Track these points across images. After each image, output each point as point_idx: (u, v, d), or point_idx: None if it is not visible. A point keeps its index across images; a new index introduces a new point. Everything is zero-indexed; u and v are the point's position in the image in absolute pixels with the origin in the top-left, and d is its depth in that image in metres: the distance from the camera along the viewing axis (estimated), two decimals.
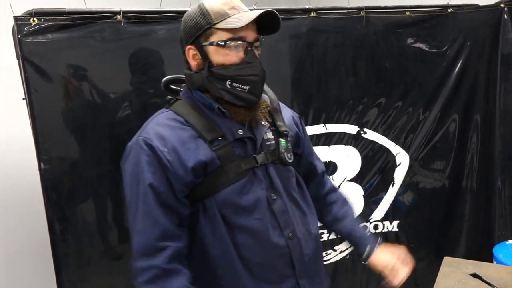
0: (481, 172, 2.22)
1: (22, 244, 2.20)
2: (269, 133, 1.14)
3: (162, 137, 1.01)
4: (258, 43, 1.06)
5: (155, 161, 0.99)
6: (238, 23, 0.99)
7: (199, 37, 1.04)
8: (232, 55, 1.02)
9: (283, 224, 1.09)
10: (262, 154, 1.09)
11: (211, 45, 1.02)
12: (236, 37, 1.01)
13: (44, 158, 1.63)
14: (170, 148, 1.00)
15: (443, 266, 1.50)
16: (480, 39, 2.11)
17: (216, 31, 1.02)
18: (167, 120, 1.06)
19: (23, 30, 1.54)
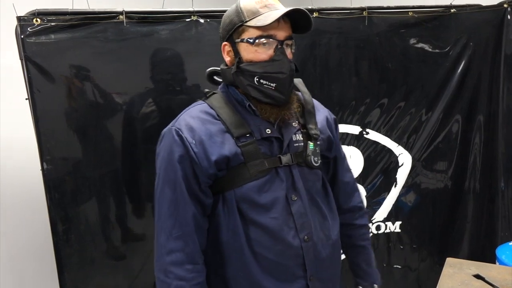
0: (484, 173, 2.21)
1: (24, 244, 2.21)
2: (299, 135, 1.14)
3: (192, 129, 1.06)
4: (291, 41, 1.07)
5: (184, 151, 1.04)
6: (266, 20, 1.01)
7: (233, 34, 1.07)
8: (261, 52, 1.04)
9: (300, 226, 1.09)
10: (287, 155, 1.10)
11: (242, 42, 1.05)
12: (265, 35, 1.03)
13: (47, 158, 1.64)
14: (198, 140, 1.04)
15: (446, 267, 1.49)
16: (483, 39, 2.10)
17: (248, 29, 1.04)
18: (199, 112, 1.10)
19: (26, 30, 1.54)
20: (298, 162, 1.12)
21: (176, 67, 1.77)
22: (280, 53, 1.04)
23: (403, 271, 2.25)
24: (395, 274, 2.25)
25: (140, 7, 1.71)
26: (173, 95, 1.78)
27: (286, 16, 1.03)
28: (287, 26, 1.06)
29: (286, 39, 1.06)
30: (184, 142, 1.04)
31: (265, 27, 1.01)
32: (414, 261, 2.25)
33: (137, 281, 1.84)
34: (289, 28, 1.06)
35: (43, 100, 1.61)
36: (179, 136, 1.05)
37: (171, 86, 1.78)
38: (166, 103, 1.77)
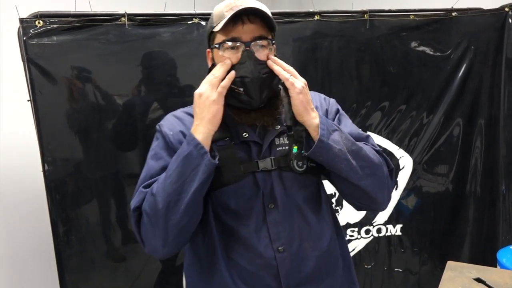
0: (485, 176, 2.21)
1: (25, 245, 2.21)
2: (284, 138, 1.09)
3: (172, 124, 1.10)
4: (266, 41, 1.02)
5: (163, 143, 1.08)
6: (223, 23, 0.99)
7: (210, 41, 1.09)
8: (228, 56, 1.02)
9: (274, 236, 1.05)
10: (267, 160, 1.05)
11: (213, 48, 1.06)
12: (228, 39, 1.01)
13: (48, 160, 1.64)
14: (176, 132, 1.08)
15: (447, 271, 1.49)
16: (484, 43, 2.10)
17: (216, 34, 1.04)
18: (183, 113, 1.13)
19: (28, 32, 1.55)
20: (282, 167, 1.06)
21: (178, 70, 1.77)
22: (245, 56, 1.00)
23: (404, 274, 2.25)
24: (396, 277, 2.24)
25: (142, 9, 1.72)
26: (174, 97, 1.78)
27: (253, 14, 0.99)
28: (256, 26, 1.01)
29: (255, 40, 1.01)
30: (163, 135, 1.08)
31: (228, 30, 1.00)
32: (415, 265, 2.25)
33: (137, 283, 1.83)
34: (259, 27, 1.01)
35: (45, 101, 1.61)
36: (160, 132, 1.10)
37: (172, 88, 1.78)
38: (167, 105, 1.77)
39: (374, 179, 1.05)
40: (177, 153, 0.99)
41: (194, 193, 0.95)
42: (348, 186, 1.07)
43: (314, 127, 1.01)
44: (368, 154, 1.05)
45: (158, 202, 0.95)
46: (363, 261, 2.20)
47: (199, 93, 0.99)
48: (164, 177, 0.98)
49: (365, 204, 1.13)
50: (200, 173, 0.94)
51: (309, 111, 1.01)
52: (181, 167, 0.95)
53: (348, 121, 1.19)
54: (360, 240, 2.18)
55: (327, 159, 1.01)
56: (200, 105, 0.98)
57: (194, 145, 0.96)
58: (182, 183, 0.95)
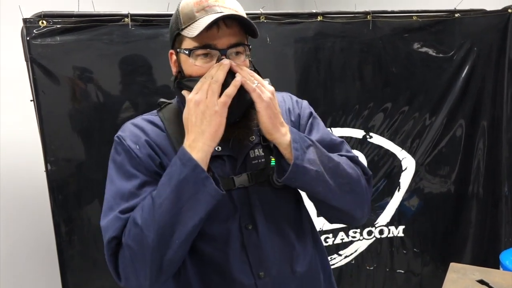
0: (488, 177, 2.21)
1: (27, 245, 2.21)
2: (259, 149, 0.97)
3: (135, 135, 0.94)
4: (242, 48, 0.90)
5: (128, 157, 0.92)
6: (197, 29, 0.84)
7: (175, 42, 0.93)
8: (200, 65, 0.88)
9: (254, 261, 0.94)
10: (243, 175, 0.94)
11: (181, 52, 0.91)
12: (201, 45, 0.87)
13: (51, 160, 1.64)
14: (141, 144, 0.92)
15: (450, 272, 1.49)
16: (487, 44, 2.10)
17: (185, 38, 0.89)
18: (144, 122, 0.98)
19: (32, 32, 1.55)
20: (259, 182, 0.95)
21: None
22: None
23: (406, 275, 2.25)
24: (398, 278, 2.24)
25: (145, 10, 1.72)
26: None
27: (222, 19, 0.85)
28: (232, 31, 0.88)
29: (231, 47, 0.88)
30: (126, 149, 0.92)
31: (201, 36, 0.84)
32: (417, 266, 2.24)
33: None
34: (236, 32, 0.88)
35: (48, 101, 1.61)
36: (121, 145, 0.93)
37: None
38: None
39: (352, 196, 0.96)
40: (167, 173, 0.84)
41: (195, 226, 0.83)
42: (324, 206, 0.97)
43: (285, 146, 0.88)
44: (346, 170, 0.95)
45: (146, 235, 0.81)
46: (365, 262, 2.19)
47: (196, 100, 0.83)
48: (152, 205, 0.82)
49: (341, 220, 1.06)
50: (203, 204, 0.82)
51: (278, 127, 0.88)
52: (176, 194, 0.81)
53: (320, 125, 1.07)
54: (362, 241, 2.18)
55: (302, 184, 0.91)
56: (198, 115, 0.83)
57: (192, 167, 0.81)
58: (178, 213, 0.81)
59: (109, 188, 0.92)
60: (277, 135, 0.88)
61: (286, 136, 0.89)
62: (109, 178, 0.93)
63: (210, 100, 0.82)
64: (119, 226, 0.85)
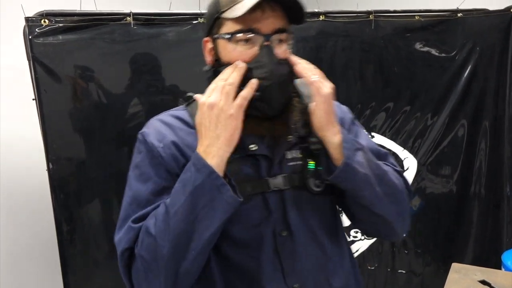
0: (490, 178, 2.21)
1: (29, 244, 2.21)
2: (296, 151, 0.90)
3: (160, 133, 0.88)
4: (285, 35, 0.83)
5: (149, 156, 0.86)
6: (241, 9, 0.78)
7: (212, 27, 0.87)
8: (241, 51, 0.82)
9: (288, 270, 0.87)
10: (279, 178, 0.87)
11: (219, 38, 0.85)
12: (244, 29, 0.80)
13: (53, 159, 1.64)
14: (167, 144, 0.86)
15: (451, 273, 1.48)
16: (489, 44, 2.10)
17: (225, 22, 0.83)
18: (171, 118, 0.92)
19: (34, 31, 1.55)
20: (295, 186, 0.88)
21: (183, 69, 1.77)
22: (264, 53, 0.81)
23: (407, 275, 2.24)
24: (400, 278, 2.24)
25: (147, 9, 1.72)
26: (179, 96, 1.78)
27: (274, 1, 0.80)
28: (277, 15, 0.81)
29: (276, 33, 0.82)
30: (149, 147, 0.86)
31: (243, 19, 0.78)
32: (418, 266, 2.24)
33: None
34: (280, 18, 0.82)
35: (50, 100, 1.61)
36: (144, 143, 0.88)
37: (177, 88, 1.78)
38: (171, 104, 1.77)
39: (396, 207, 0.90)
40: (181, 180, 0.79)
41: (212, 235, 0.78)
42: (365, 214, 0.90)
43: (336, 146, 0.83)
44: (393, 179, 0.90)
45: (160, 246, 0.76)
46: (367, 262, 2.19)
47: (209, 103, 0.77)
48: (166, 213, 0.77)
49: (379, 232, 0.99)
50: (220, 212, 0.76)
51: (331, 125, 0.84)
52: (191, 202, 0.76)
53: (364, 134, 1.02)
54: (363, 241, 2.18)
55: (351, 186, 0.85)
56: (212, 119, 0.77)
57: (207, 173, 0.76)
58: (193, 222, 0.76)
59: (126, 193, 0.87)
60: (329, 132, 0.83)
61: (338, 135, 0.84)
62: (128, 181, 0.88)
63: (225, 103, 0.77)
64: (132, 236, 0.81)
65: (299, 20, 0.85)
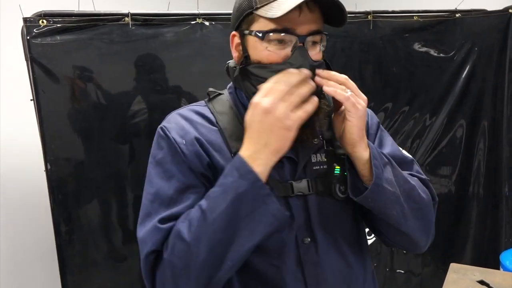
0: (488, 178, 2.21)
1: (27, 244, 2.20)
2: (322, 154, 0.86)
3: (182, 128, 0.84)
4: (320, 36, 0.80)
5: (172, 152, 0.82)
6: (279, 9, 0.74)
7: (242, 22, 0.82)
8: (273, 51, 0.78)
9: (311, 280, 0.83)
10: (303, 181, 0.83)
11: (251, 34, 0.80)
12: (279, 29, 0.76)
13: (51, 159, 1.63)
14: (189, 141, 0.82)
15: (450, 273, 1.48)
16: (488, 44, 2.10)
17: (258, 18, 0.79)
18: (192, 113, 0.88)
19: (32, 31, 1.54)
20: (319, 191, 0.84)
21: (182, 69, 1.77)
22: (298, 54, 0.77)
23: (406, 276, 2.24)
24: (398, 279, 2.24)
25: (145, 9, 1.72)
26: (178, 97, 1.78)
27: (312, 1, 0.75)
28: (313, 16, 0.77)
29: (311, 34, 0.78)
30: (171, 142, 0.82)
31: (280, 18, 0.75)
32: (417, 266, 2.24)
33: (138, 283, 1.83)
34: (317, 18, 0.78)
35: (48, 101, 1.61)
36: (165, 138, 0.84)
37: (176, 89, 1.78)
38: (170, 105, 1.77)
39: (422, 223, 0.86)
40: (221, 184, 0.74)
41: (252, 247, 0.73)
42: (390, 231, 0.86)
43: (365, 161, 0.79)
44: (421, 194, 0.85)
45: (195, 253, 0.72)
46: None
47: (265, 108, 0.71)
48: (203, 219, 0.72)
49: (401, 246, 0.95)
50: (263, 224, 0.72)
51: (362, 140, 0.79)
52: (233, 210, 0.71)
53: (389, 139, 0.96)
54: None
55: (378, 205, 0.79)
56: (265, 126, 0.71)
57: (252, 181, 0.71)
58: (233, 232, 0.71)
59: (147, 190, 0.83)
60: (359, 148, 0.78)
61: (367, 151, 0.79)
62: (148, 177, 0.84)
63: (285, 112, 0.71)
64: (159, 238, 0.76)
65: (338, 23, 0.81)
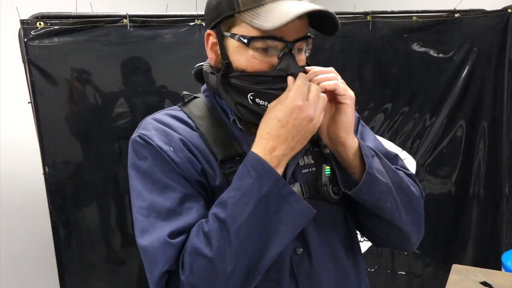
0: (488, 178, 2.20)
1: (26, 248, 2.19)
2: (309, 156, 0.81)
3: (165, 134, 0.76)
4: (306, 42, 0.75)
5: (160, 162, 0.74)
6: (270, 20, 0.67)
7: (220, 22, 0.75)
8: (259, 59, 0.72)
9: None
10: (296, 186, 0.78)
11: (233, 38, 0.73)
12: (267, 36, 0.70)
13: (49, 162, 1.62)
14: (177, 147, 0.74)
15: (452, 274, 1.47)
16: (487, 44, 2.10)
17: (241, 22, 0.72)
18: (169, 118, 0.80)
19: (29, 33, 1.54)
20: (311, 196, 0.78)
21: (180, 71, 1.76)
22: (287, 62, 0.72)
23: (407, 277, 2.23)
24: (399, 280, 2.23)
25: (143, 10, 1.71)
26: (177, 99, 1.77)
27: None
28: (302, 22, 0.72)
29: (299, 40, 0.73)
30: (156, 151, 0.73)
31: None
32: (418, 267, 2.23)
33: (137, 286, 1.82)
34: (304, 24, 0.73)
35: (46, 103, 1.60)
36: (148, 147, 0.74)
37: (175, 90, 1.77)
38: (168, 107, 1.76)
39: (413, 216, 0.83)
40: (237, 188, 0.67)
41: (280, 253, 0.68)
42: (382, 226, 0.81)
43: (355, 150, 0.75)
44: (410, 186, 0.82)
45: (221, 269, 0.64)
46: (366, 264, 2.16)
47: (309, 116, 0.68)
48: (225, 229, 0.65)
49: (393, 244, 0.90)
50: (292, 225, 0.67)
51: (352, 129, 0.76)
52: (259, 215, 0.65)
53: (371, 134, 0.93)
54: (363, 243, 2.14)
55: (372, 197, 0.75)
56: (297, 126, 0.67)
57: (274, 180, 0.66)
58: (265, 239, 0.66)
59: (139, 205, 0.74)
60: (352, 135, 0.76)
61: (356, 140, 0.76)
62: (134, 191, 0.75)
63: (318, 120, 0.69)
64: (172, 255, 0.68)
65: (331, 31, 0.76)
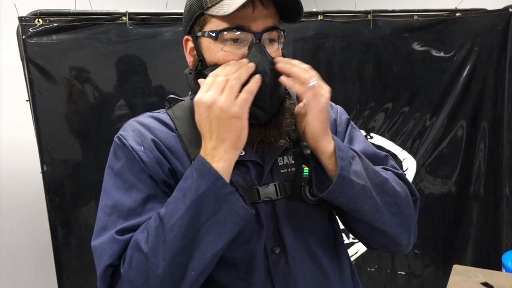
0: (489, 178, 2.20)
1: (24, 247, 2.18)
2: (289, 156, 0.82)
3: (140, 135, 0.79)
4: (277, 33, 0.77)
5: (130, 161, 0.77)
6: (230, 6, 0.71)
7: (194, 25, 0.79)
8: (229, 51, 0.75)
9: None
10: (270, 186, 0.78)
11: (204, 36, 0.77)
12: (233, 27, 0.73)
13: (47, 161, 1.61)
14: (147, 146, 0.77)
15: (453, 275, 1.47)
16: (488, 43, 2.09)
17: (210, 19, 0.76)
18: (151, 119, 0.83)
19: (27, 31, 1.52)
20: (288, 196, 0.79)
21: (180, 69, 1.75)
22: (256, 52, 0.73)
23: (407, 277, 2.23)
24: (399, 280, 2.22)
25: (143, 8, 1.70)
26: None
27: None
28: (268, 12, 0.75)
29: (267, 31, 0.75)
30: (128, 151, 0.77)
31: (232, 16, 0.71)
32: (418, 268, 2.22)
33: None
34: (272, 14, 0.75)
35: (44, 101, 1.58)
36: (122, 147, 0.79)
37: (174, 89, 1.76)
38: None
39: (400, 219, 0.80)
40: (180, 188, 0.69)
41: (216, 253, 0.68)
42: (366, 229, 0.81)
43: (329, 154, 0.75)
44: (395, 187, 0.80)
45: (153, 265, 0.66)
46: (366, 264, 2.17)
47: (207, 101, 0.68)
48: (161, 226, 0.67)
49: (384, 247, 0.88)
50: (228, 225, 0.67)
51: (325, 133, 0.75)
52: (192, 213, 0.66)
53: (360, 135, 0.93)
54: None
55: (347, 200, 0.75)
56: (213, 120, 0.68)
57: (213, 180, 0.67)
58: (194, 238, 0.66)
59: (104, 203, 0.76)
60: (323, 142, 0.75)
61: (331, 144, 0.75)
62: (104, 189, 0.78)
63: (226, 99, 0.67)
64: (117, 250, 0.70)
65: (294, 19, 0.78)
